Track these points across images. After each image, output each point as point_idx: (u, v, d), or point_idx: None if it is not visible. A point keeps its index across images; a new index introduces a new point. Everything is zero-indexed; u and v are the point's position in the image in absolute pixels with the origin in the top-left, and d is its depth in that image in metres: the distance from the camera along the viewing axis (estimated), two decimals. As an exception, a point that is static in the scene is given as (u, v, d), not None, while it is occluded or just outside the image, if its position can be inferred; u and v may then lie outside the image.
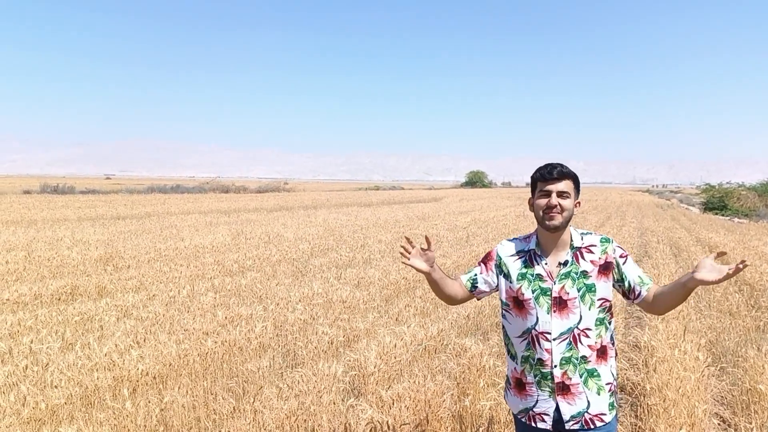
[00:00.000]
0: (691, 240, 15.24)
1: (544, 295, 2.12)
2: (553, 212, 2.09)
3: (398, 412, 3.54)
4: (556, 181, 2.11)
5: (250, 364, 4.80)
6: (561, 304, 2.10)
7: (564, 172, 2.12)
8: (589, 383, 2.09)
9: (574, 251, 2.15)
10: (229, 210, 27.24)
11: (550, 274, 2.14)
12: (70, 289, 7.77)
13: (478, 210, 29.77)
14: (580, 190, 2.23)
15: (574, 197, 2.14)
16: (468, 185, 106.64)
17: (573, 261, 2.14)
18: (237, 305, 6.72)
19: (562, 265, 2.14)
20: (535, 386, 2.14)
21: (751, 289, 8.04)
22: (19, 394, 3.83)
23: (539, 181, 2.15)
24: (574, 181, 2.16)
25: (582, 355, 2.08)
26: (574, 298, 2.09)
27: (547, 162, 2.20)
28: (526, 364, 2.17)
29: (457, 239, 14.57)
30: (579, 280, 2.11)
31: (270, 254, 11.15)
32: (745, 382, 4.34)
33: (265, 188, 60.41)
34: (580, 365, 2.08)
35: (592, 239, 2.19)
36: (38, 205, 27.32)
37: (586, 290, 2.10)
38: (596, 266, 2.12)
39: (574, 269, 2.12)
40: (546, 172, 2.13)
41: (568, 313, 2.09)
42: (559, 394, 2.09)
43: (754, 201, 34.67)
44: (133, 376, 4.34)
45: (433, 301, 7.19)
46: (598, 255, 2.14)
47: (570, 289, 2.10)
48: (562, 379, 2.08)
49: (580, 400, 2.08)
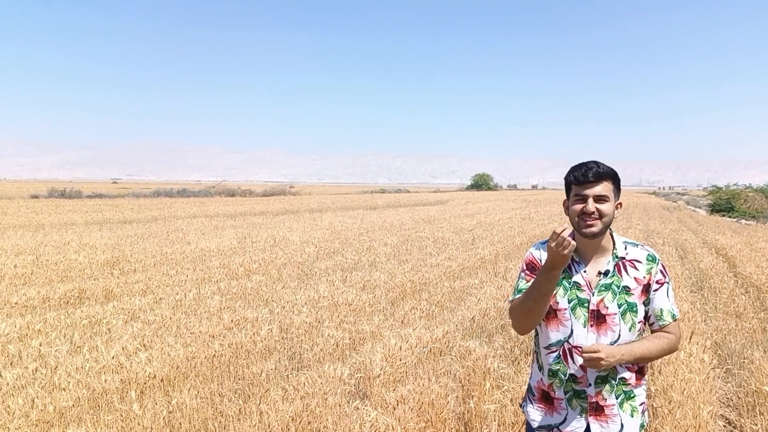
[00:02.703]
0: (698, 242, 15.18)
1: (582, 307, 1.95)
2: (590, 219, 1.90)
3: (403, 414, 3.55)
4: (592, 184, 1.90)
5: (255, 366, 4.82)
6: (599, 318, 1.93)
7: (601, 172, 1.90)
8: (624, 405, 1.95)
9: (616, 261, 1.97)
10: (235, 214, 27.32)
11: (589, 283, 1.96)
12: (77, 293, 7.82)
13: (484, 213, 29.72)
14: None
15: (614, 199, 1.93)
16: (473, 188, 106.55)
17: (615, 272, 1.95)
18: (243, 308, 6.76)
19: (602, 275, 1.95)
20: (565, 402, 1.99)
21: (758, 291, 8.01)
22: (27, 396, 3.87)
23: (573, 185, 1.95)
24: (613, 181, 1.94)
25: (621, 377, 1.94)
26: (614, 314, 1.92)
27: (583, 161, 1.97)
28: (555, 378, 2.01)
29: (463, 242, 14.57)
30: (620, 295, 1.93)
31: (276, 257, 11.18)
32: (750, 384, 4.33)
33: (271, 192, 60.59)
34: (617, 386, 1.94)
35: (638, 253, 1.99)
36: (46, 209, 27.52)
37: (627, 308, 1.93)
38: (640, 285, 1.95)
39: (615, 282, 1.94)
40: (580, 175, 1.91)
41: (607, 330, 1.93)
42: (592, 415, 1.95)
43: (761, 203, 34.47)
44: (141, 379, 4.37)
45: (438, 303, 7.20)
46: (642, 273, 1.96)
47: (610, 303, 1.93)
48: (596, 399, 1.94)
49: (614, 423, 1.94)
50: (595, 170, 1.90)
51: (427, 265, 10.13)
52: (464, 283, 8.53)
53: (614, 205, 1.93)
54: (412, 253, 12.31)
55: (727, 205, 34.75)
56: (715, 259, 11.06)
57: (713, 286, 8.45)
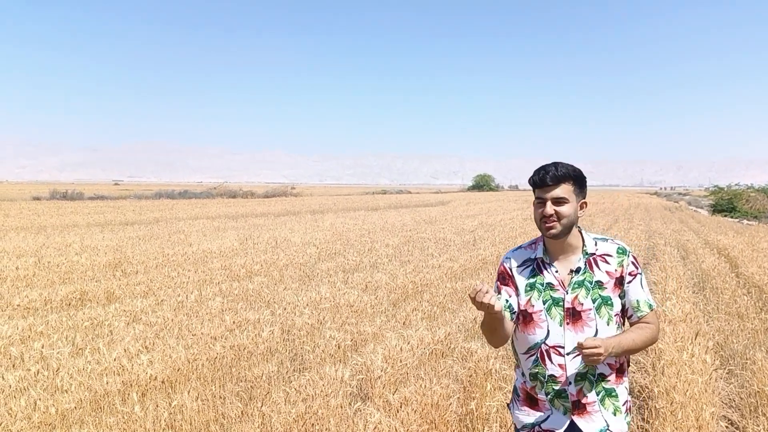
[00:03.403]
0: (700, 242, 15.16)
1: (557, 306, 1.97)
2: (549, 221, 1.93)
3: (405, 415, 3.55)
4: (550, 187, 1.93)
5: (257, 368, 4.82)
6: (575, 315, 1.95)
7: (559, 175, 1.93)
8: (605, 403, 1.96)
9: (587, 257, 1.99)
10: (236, 215, 27.34)
11: (562, 282, 1.98)
12: (79, 295, 7.84)
13: (485, 213, 29.71)
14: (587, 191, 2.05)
15: (575, 200, 1.96)
16: (475, 188, 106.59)
17: (586, 268, 1.98)
18: (245, 310, 6.76)
19: (574, 273, 1.98)
20: (548, 403, 2.01)
21: (760, 292, 7.99)
22: (29, 398, 3.87)
23: (534, 188, 1.99)
24: (574, 181, 1.96)
25: (600, 373, 1.95)
26: (588, 309, 1.95)
27: (545, 164, 1.99)
28: (536, 381, 2.02)
29: (465, 243, 14.57)
30: (594, 290, 1.96)
31: (277, 259, 11.19)
32: (753, 384, 4.32)
33: (273, 193, 60.65)
34: (597, 383, 1.95)
35: (608, 248, 2.01)
36: (48, 211, 27.57)
37: (602, 302, 1.95)
38: (612, 278, 1.97)
39: (588, 278, 1.97)
40: (538, 178, 1.96)
41: (583, 326, 1.95)
42: (575, 413, 1.96)
43: (763, 203, 34.45)
44: (143, 381, 4.38)
45: (440, 305, 7.20)
46: (614, 267, 1.98)
47: (584, 299, 1.95)
48: (577, 397, 1.95)
49: (598, 420, 1.96)
50: (553, 173, 1.93)
51: (428, 266, 10.13)
52: (466, 284, 8.53)
53: (576, 206, 1.96)
54: (413, 254, 12.31)
55: (729, 206, 34.71)
56: (717, 259, 11.03)
57: (715, 286, 8.43)
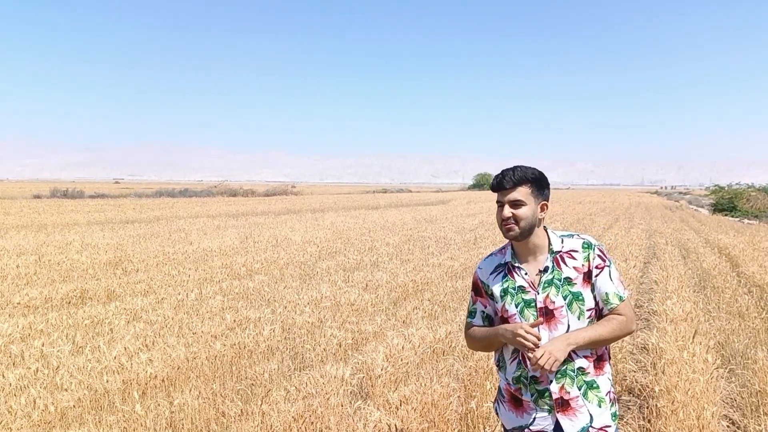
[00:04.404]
0: (700, 242, 15.14)
1: (529, 308, 1.99)
2: (507, 224, 1.96)
3: (405, 414, 3.55)
4: (508, 191, 1.97)
5: (258, 366, 4.82)
6: (548, 314, 1.97)
7: (516, 179, 1.96)
8: (589, 395, 1.97)
9: (553, 255, 2.01)
10: (237, 213, 27.35)
11: (532, 283, 2.00)
12: (79, 293, 7.83)
13: (486, 212, 29.69)
14: (546, 193, 2.04)
15: (534, 202, 1.98)
16: (475, 187, 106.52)
17: (554, 266, 1.99)
18: (245, 308, 6.75)
19: (542, 272, 2.00)
20: (533, 404, 2.01)
21: (761, 291, 7.98)
22: (29, 396, 3.86)
23: (493, 191, 2.03)
24: (532, 184, 1.99)
25: (579, 367, 1.96)
26: (560, 307, 1.96)
27: (504, 168, 2.03)
28: (520, 384, 2.04)
29: (465, 241, 14.57)
30: (564, 287, 1.97)
31: (278, 257, 11.18)
32: (754, 384, 4.31)
33: (273, 192, 60.68)
34: (577, 377, 1.96)
35: (574, 243, 2.03)
36: (48, 209, 27.61)
37: (573, 298, 1.97)
38: (580, 273, 1.98)
39: (556, 275, 1.99)
40: (496, 182, 1.99)
41: (556, 324, 1.96)
42: (559, 411, 1.96)
43: (764, 202, 34.42)
44: (143, 379, 4.37)
45: (441, 303, 7.19)
46: (581, 262, 1.99)
47: (555, 297, 1.97)
48: (560, 394, 1.96)
49: (582, 415, 1.95)
50: (510, 176, 1.96)
51: (429, 264, 10.13)
52: (466, 282, 8.52)
53: (535, 208, 1.98)
54: (414, 252, 12.30)
55: (730, 205, 34.69)
56: (717, 258, 11.02)
57: (716, 285, 8.42)
